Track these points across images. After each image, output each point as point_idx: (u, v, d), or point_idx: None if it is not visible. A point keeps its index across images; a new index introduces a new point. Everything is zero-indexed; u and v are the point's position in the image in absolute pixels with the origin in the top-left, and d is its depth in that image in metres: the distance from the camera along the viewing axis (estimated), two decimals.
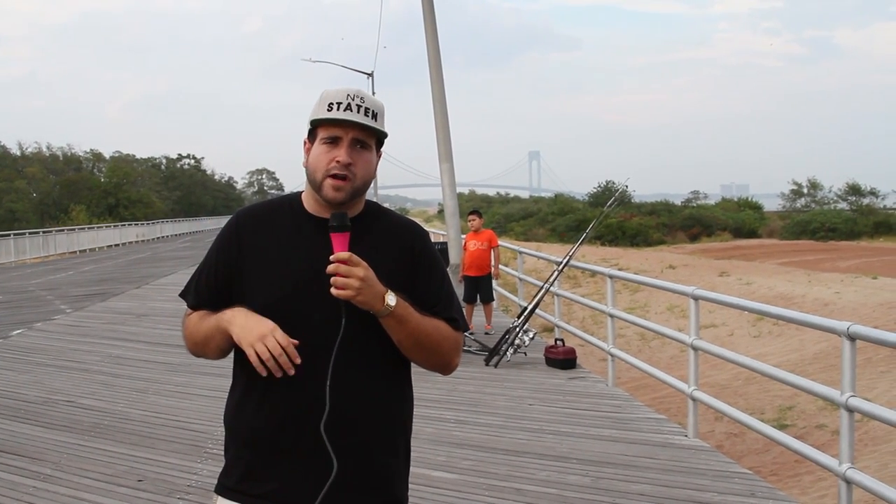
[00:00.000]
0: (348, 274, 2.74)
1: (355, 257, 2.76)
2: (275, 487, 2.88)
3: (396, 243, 3.01)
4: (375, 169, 3.01)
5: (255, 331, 2.78)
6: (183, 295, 3.11)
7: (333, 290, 2.75)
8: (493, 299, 16.28)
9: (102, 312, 18.81)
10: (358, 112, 2.88)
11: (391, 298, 2.80)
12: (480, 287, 15.56)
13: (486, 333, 15.19)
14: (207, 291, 3.02)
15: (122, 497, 6.66)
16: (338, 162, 2.87)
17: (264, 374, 2.77)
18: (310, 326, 2.85)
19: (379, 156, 3.04)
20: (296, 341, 2.77)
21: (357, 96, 2.90)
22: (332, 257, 2.77)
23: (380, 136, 2.97)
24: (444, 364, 3.04)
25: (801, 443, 7.66)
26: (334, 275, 2.76)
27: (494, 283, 16.46)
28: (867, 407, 6.34)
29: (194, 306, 3.06)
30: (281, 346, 2.75)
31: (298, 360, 2.77)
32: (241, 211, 3.13)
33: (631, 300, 25.75)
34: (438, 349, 2.97)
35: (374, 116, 2.91)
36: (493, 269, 15.63)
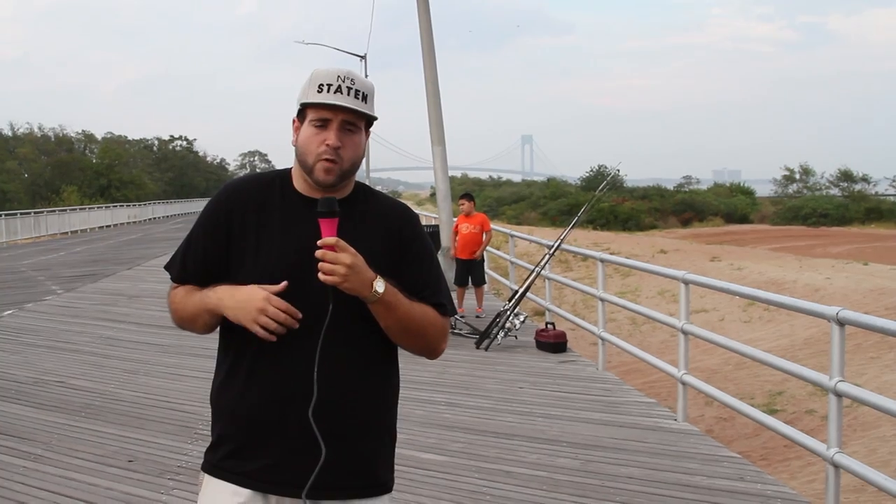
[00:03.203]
0: (335, 260, 2.73)
1: (342, 243, 2.75)
2: (260, 466, 2.88)
3: (385, 226, 2.99)
4: (364, 150, 2.99)
5: (250, 306, 2.79)
6: (168, 267, 3.08)
7: (320, 276, 2.75)
8: (484, 282, 16.28)
9: (94, 293, 18.78)
10: (348, 94, 2.86)
11: (379, 285, 2.79)
12: (472, 270, 15.58)
13: (477, 317, 15.18)
14: (193, 266, 3.00)
15: (113, 477, 6.67)
16: (327, 145, 2.85)
17: (274, 339, 2.78)
18: (298, 308, 2.84)
19: (367, 136, 3.02)
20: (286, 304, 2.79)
21: (347, 78, 2.88)
22: (318, 242, 2.75)
23: (369, 119, 2.96)
24: (430, 349, 3.04)
25: (791, 428, 7.69)
26: (322, 260, 2.75)
27: (485, 264, 16.47)
28: (855, 392, 6.36)
29: (179, 280, 3.05)
30: (282, 311, 2.77)
31: (300, 315, 2.79)
32: (230, 184, 3.11)
33: (622, 284, 25.80)
34: (425, 335, 2.97)
35: (364, 98, 2.89)
36: (479, 249, 15.54)
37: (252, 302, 2.79)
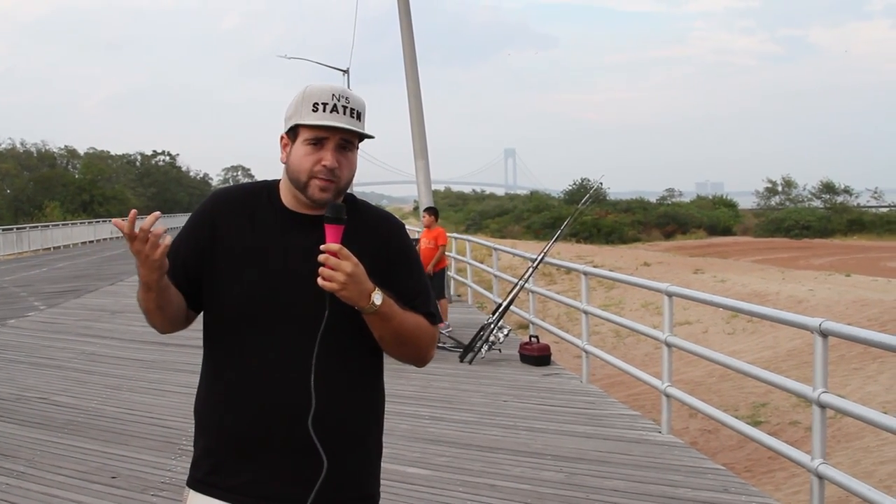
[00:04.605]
0: (336, 267, 2.70)
1: (345, 251, 2.72)
2: (246, 480, 2.86)
3: (374, 237, 2.97)
4: (356, 166, 2.98)
5: (139, 263, 2.72)
6: None
7: (319, 281, 2.72)
8: (444, 297, 16.10)
9: (76, 309, 18.71)
10: (344, 113, 2.83)
11: (377, 297, 2.77)
12: (432, 284, 15.47)
13: (441, 332, 15.04)
14: (173, 269, 2.85)
15: (96, 494, 6.64)
16: (324, 166, 2.83)
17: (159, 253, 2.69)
18: (284, 322, 2.85)
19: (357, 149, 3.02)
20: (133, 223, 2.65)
21: (342, 96, 2.85)
22: (322, 247, 2.72)
23: (362, 136, 2.93)
24: (420, 358, 3.03)
25: (775, 439, 7.71)
26: (322, 265, 2.72)
27: (469, 278, 16.38)
28: (839, 403, 6.38)
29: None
30: (146, 230, 2.65)
31: (159, 214, 2.73)
32: (217, 192, 3.10)
33: (606, 297, 25.80)
34: (417, 344, 2.96)
35: (359, 116, 2.88)
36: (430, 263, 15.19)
37: (138, 259, 2.71)
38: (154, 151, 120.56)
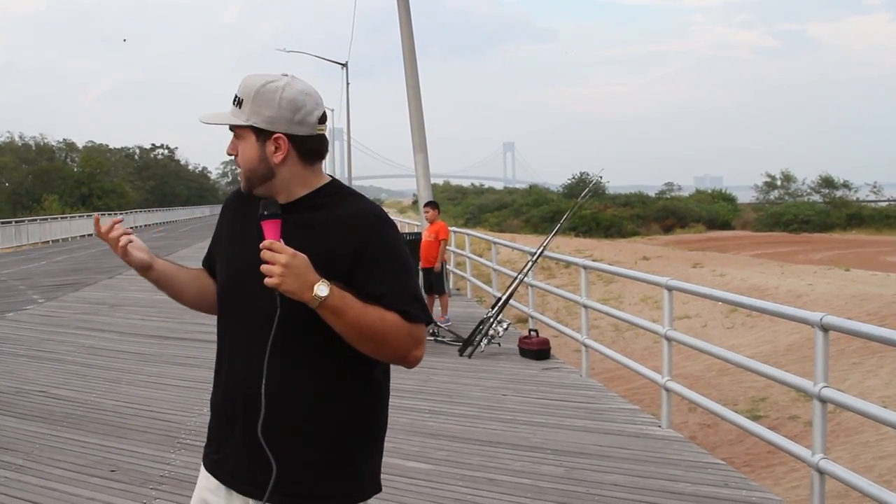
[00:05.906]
0: (272, 260, 2.69)
1: (278, 244, 2.71)
2: (221, 457, 2.99)
3: (339, 232, 2.86)
4: (262, 156, 2.87)
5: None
6: None
7: (266, 280, 2.71)
8: (444, 292, 16.06)
9: (75, 302, 18.68)
10: (232, 102, 2.90)
11: (322, 289, 2.70)
12: (432, 279, 15.48)
13: (438, 325, 15.06)
14: (207, 259, 3.25)
15: (95, 487, 6.62)
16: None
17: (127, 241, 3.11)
18: (253, 312, 2.89)
19: (280, 138, 2.87)
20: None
21: (240, 84, 2.90)
22: (261, 245, 2.73)
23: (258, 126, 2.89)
24: (399, 357, 2.90)
25: (775, 433, 7.70)
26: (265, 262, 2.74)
27: (468, 272, 16.34)
28: (840, 397, 6.37)
29: (203, 264, 3.29)
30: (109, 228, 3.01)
31: (120, 218, 3.12)
32: (233, 190, 3.20)
33: (605, 291, 25.79)
34: (385, 341, 2.83)
35: (240, 103, 2.87)
36: (437, 259, 15.35)
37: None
38: (153, 145, 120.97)
